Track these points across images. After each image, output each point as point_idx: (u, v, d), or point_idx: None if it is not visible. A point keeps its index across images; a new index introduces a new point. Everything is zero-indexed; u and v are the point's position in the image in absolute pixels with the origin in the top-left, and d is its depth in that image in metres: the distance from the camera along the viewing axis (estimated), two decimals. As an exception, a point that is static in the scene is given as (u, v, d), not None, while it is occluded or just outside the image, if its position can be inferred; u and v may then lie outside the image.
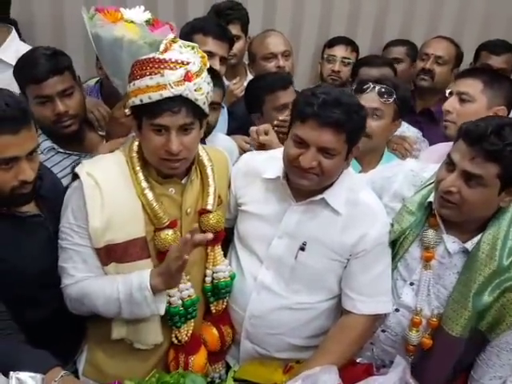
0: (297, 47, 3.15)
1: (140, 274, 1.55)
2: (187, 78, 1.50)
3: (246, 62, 2.99)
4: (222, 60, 2.32)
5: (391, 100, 2.09)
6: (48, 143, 1.98)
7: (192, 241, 1.47)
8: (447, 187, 1.54)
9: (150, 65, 1.50)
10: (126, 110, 1.60)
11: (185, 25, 2.44)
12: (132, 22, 1.81)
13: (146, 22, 1.82)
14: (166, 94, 1.48)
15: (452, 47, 2.93)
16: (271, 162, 1.76)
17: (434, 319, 1.68)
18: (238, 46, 2.84)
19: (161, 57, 1.50)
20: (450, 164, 1.56)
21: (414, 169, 1.82)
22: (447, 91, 2.14)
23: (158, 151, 1.54)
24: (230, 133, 2.42)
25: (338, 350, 1.69)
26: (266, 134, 2.07)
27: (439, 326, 1.66)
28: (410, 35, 3.30)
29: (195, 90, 1.51)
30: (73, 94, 1.94)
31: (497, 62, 2.97)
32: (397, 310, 1.74)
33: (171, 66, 1.49)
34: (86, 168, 1.61)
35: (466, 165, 1.50)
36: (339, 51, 3.02)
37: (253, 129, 2.11)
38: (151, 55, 1.53)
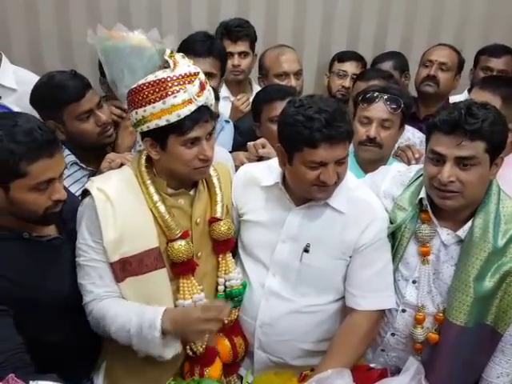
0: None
1: (154, 310, 1.55)
2: (203, 87, 1.57)
3: (254, 76, 3.02)
4: (216, 76, 2.37)
5: (399, 110, 2.11)
6: (72, 157, 2.04)
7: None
8: (447, 178, 1.57)
9: (169, 84, 1.52)
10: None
11: None
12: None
13: None
14: (193, 107, 1.53)
15: (454, 54, 2.96)
16: (268, 170, 1.80)
17: (440, 314, 1.71)
18: (246, 62, 2.90)
19: (176, 74, 1.54)
20: (436, 159, 1.61)
21: (401, 169, 1.90)
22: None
23: (191, 163, 1.60)
24: (235, 148, 2.45)
25: (345, 351, 1.71)
26: (264, 147, 2.11)
27: (445, 319, 1.68)
28: (412, 45, 3.34)
29: (210, 95, 1.59)
30: (103, 105, 2.05)
31: (497, 64, 3.00)
32: (403, 311, 1.77)
33: (189, 80, 1.54)
34: (96, 184, 1.65)
35: (456, 151, 1.56)
36: (350, 67, 3.02)
37: (250, 144, 2.15)
38: (162, 75, 1.54)
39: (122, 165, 1.81)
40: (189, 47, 2.35)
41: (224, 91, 2.81)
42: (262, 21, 3.03)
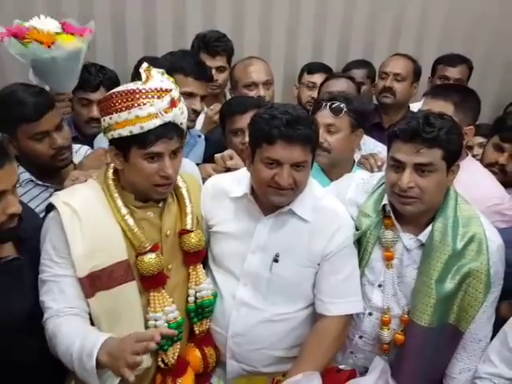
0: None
1: (96, 338, 1.45)
2: (173, 104, 1.56)
3: (227, 88, 3.04)
4: (202, 98, 2.35)
5: (341, 114, 2.16)
6: (26, 175, 1.98)
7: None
8: (406, 184, 1.64)
9: (137, 96, 1.52)
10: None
11: (161, 57, 2.47)
12: (58, 33, 2.10)
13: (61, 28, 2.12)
14: (158, 122, 1.53)
15: (409, 63, 3.06)
16: (237, 181, 1.82)
17: (405, 316, 1.77)
18: (223, 77, 2.92)
19: (146, 87, 1.54)
20: (396, 166, 1.68)
21: (365, 177, 1.96)
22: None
23: (151, 178, 1.59)
24: (206, 159, 2.45)
25: (316, 356, 1.74)
26: (231, 158, 2.13)
27: (410, 320, 1.74)
28: (373, 56, 3.43)
29: (181, 114, 1.59)
30: (64, 127, 1.98)
31: (453, 73, 3.12)
32: (370, 314, 1.82)
33: (158, 95, 1.54)
34: (61, 198, 1.63)
35: (415, 158, 1.63)
36: (319, 79, 3.03)
37: (218, 155, 2.16)
38: (132, 86, 1.55)
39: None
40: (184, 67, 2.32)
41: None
42: (227, 33, 3.05)
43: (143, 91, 1.53)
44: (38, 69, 2.18)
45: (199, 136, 2.54)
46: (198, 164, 2.24)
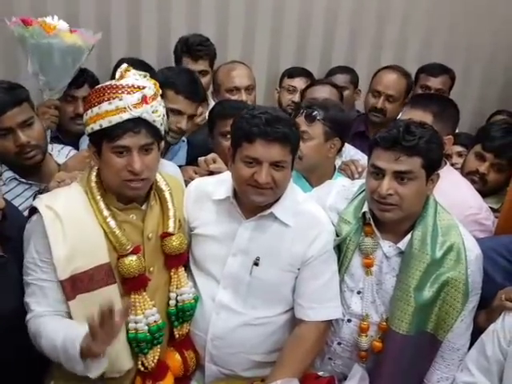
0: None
1: (83, 327, 1.44)
2: (144, 101, 1.58)
3: (209, 91, 3.03)
4: (190, 117, 2.35)
5: (314, 122, 2.17)
6: (9, 173, 1.98)
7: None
8: (385, 191, 1.67)
9: (108, 91, 1.56)
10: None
11: (158, 71, 2.48)
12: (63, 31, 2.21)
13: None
14: (126, 116, 1.55)
15: (402, 81, 3.00)
16: (220, 184, 1.84)
17: (384, 323, 1.78)
18: (206, 80, 2.91)
19: (117, 83, 1.58)
20: (376, 173, 1.70)
21: (345, 184, 1.98)
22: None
23: (120, 173, 1.59)
24: (188, 162, 2.46)
25: (294, 361, 1.75)
26: (214, 161, 2.14)
27: (388, 328, 1.76)
28: (356, 62, 3.47)
29: (153, 112, 1.60)
30: (33, 125, 1.97)
31: (434, 83, 3.14)
32: (349, 321, 1.84)
33: (128, 90, 1.56)
34: (44, 201, 1.63)
35: (395, 166, 1.66)
36: (299, 83, 3.07)
37: (201, 159, 2.17)
38: (107, 83, 1.59)
39: None
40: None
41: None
42: (212, 36, 3.05)
43: (114, 87, 1.57)
44: (35, 58, 2.24)
45: (183, 141, 2.54)
46: (180, 166, 2.24)
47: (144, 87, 1.59)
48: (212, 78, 3.00)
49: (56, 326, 1.55)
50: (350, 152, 2.54)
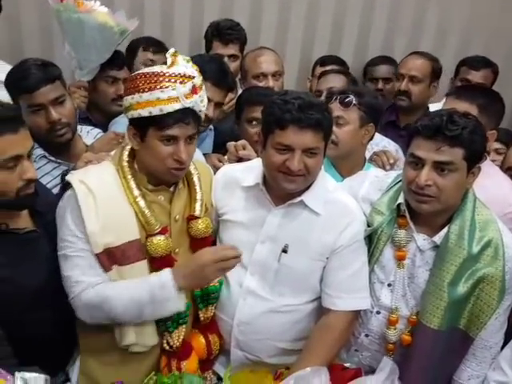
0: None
1: (160, 275, 1.60)
2: (194, 91, 1.59)
3: (237, 79, 3.00)
4: (217, 105, 2.31)
5: (350, 106, 2.13)
6: (40, 151, 2.00)
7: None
8: (424, 181, 1.61)
9: (161, 78, 1.56)
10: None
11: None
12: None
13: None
14: (178, 106, 1.56)
15: (427, 63, 2.93)
16: (249, 171, 1.82)
17: (414, 317, 1.75)
18: (235, 65, 2.89)
19: (170, 71, 1.57)
20: (415, 163, 1.65)
21: (379, 175, 1.94)
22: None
23: (165, 160, 1.60)
24: (214, 149, 2.47)
25: (322, 350, 1.73)
26: (244, 148, 2.12)
27: (418, 322, 1.72)
28: (393, 51, 3.39)
29: (200, 102, 1.61)
30: (65, 102, 1.99)
31: (476, 77, 3.05)
32: (378, 313, 1.80)
33: (181, 79, 1.56)
34: (77, 176, 1.65)
35: (435, 156, 1.60)
36: None
37: (230, 144, 2.15)
38: (157, 69, 1.59)
39: None
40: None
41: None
42: (245, 24, 3.03)
43: (167, 74, 1.56)
44: (67, 33, 2.33)
45: (210, 129, 2.53)
46: (204, 155, 2.23)
47: (194, 76, 1.60)
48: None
49: (122, 285, 1.60)
50: (376, 139, 2.45)
